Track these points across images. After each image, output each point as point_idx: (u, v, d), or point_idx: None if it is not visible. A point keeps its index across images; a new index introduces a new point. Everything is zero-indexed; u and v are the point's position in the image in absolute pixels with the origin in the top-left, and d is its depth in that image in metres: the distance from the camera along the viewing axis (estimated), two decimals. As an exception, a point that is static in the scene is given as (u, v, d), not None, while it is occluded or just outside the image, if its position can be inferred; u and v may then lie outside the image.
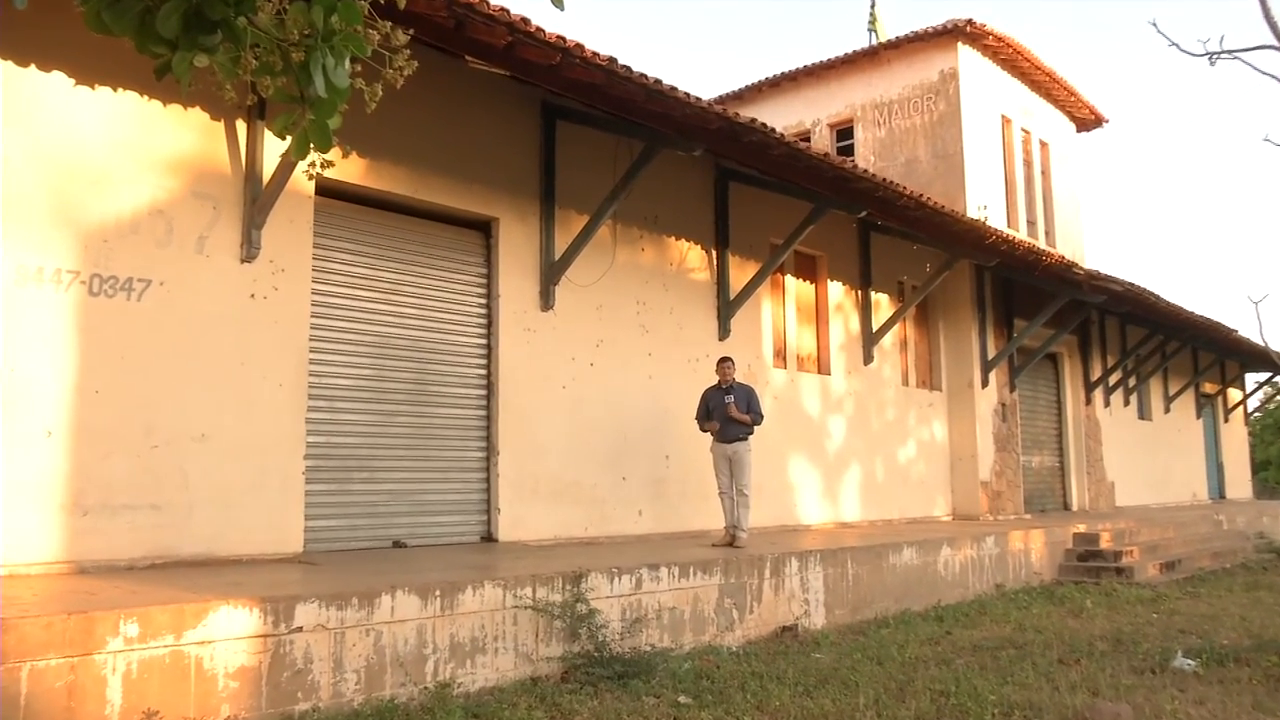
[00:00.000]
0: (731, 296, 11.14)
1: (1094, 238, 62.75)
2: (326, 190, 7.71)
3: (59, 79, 6.33)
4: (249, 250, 7.10)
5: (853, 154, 16.43)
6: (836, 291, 13.15)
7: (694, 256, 10.94)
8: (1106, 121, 18.94)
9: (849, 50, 16.73)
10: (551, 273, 9.24)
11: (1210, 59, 6.47)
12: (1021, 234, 16.00)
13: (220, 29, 2.19)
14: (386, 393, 8.26)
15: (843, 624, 8.47)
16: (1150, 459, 20.43)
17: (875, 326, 13.49)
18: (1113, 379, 18.97)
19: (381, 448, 8.17)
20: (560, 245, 9.30)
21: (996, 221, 15.07)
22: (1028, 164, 17.31)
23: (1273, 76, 6.45)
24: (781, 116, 16.85)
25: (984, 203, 15.25)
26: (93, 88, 6.47)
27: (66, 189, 6.31)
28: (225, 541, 6.80)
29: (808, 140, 16.76)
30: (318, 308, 7.71)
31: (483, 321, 8.99)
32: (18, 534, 5.90)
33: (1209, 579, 12.41)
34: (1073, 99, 18.04)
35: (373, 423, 8.13)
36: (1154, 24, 6.97)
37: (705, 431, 9.18)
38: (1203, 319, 17.60)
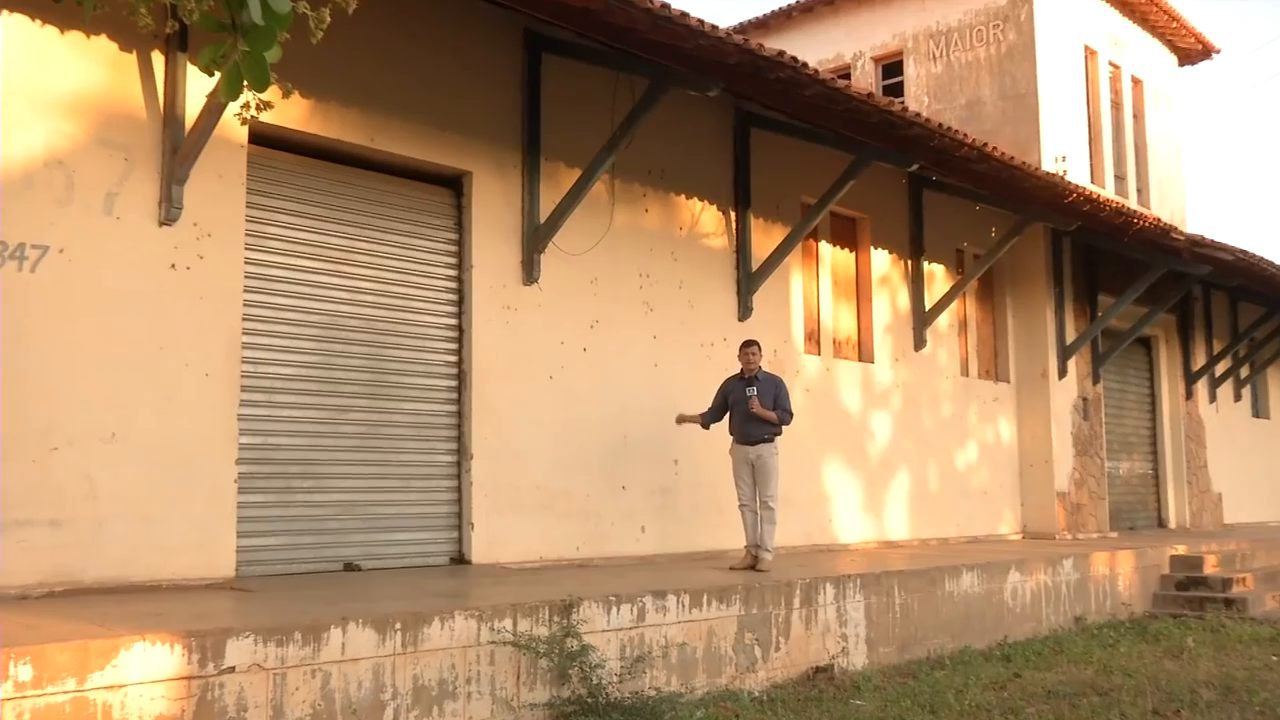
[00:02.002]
0: (754, 268, 11.14)
1: (1198, 196, 62.33)
2: (263, 138, 7.71)
3: (-64, 2, 6.33)
4: (168, 211, 7.11)
5: (902, 94, 16.39)
6: (882, 262, 13.15)
7: (709, 219, 10.93)
8: (1218, 52, 18.84)
9: (899, -33, 16.69)
10: (536, 239, 9.25)
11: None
12: (1108, 191, 15.98)
13: (133, -59, 2.19)
14: (336, 384, 8.27)
15: (888, 664, 8.51)
16: (1267, 466, 20.42)
17: (929, 304, 13.49)
18: (1220, 368, 18.94)
19: (330, 450, 8.19)
20: (547, 205, 9.30)
21: (1078, 176, 15.04)
22: (1117, 106, 17.26)
23: None
24: (816, 49, 16.80)
25: (1062, 153, 15.22)
26: (-23, 13, 6.47)
27: (-54, 136, 6.31)
28: (141, 564, 6.82)
29: (847, 77, 16.72)
30: (252, 280, 7.72)
31: (453, 298, 9.01)
32: (-110, 554, 5.94)
33: (1341, 613, 12.40)
34: (1174, 25, 17.96)
35: (320, 420, 8.15)
36: None
37: (707, 426, 9.28)
38: (1335, 295, 17.56)
